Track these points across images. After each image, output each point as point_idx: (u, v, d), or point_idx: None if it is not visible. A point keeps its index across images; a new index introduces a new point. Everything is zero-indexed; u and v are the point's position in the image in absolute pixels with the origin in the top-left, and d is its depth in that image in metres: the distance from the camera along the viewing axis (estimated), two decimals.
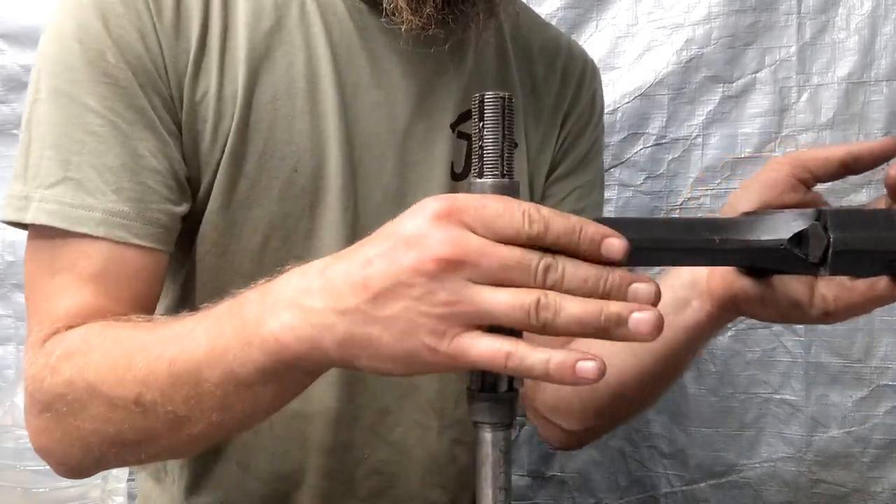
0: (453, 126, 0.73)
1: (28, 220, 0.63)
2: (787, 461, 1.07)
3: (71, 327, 0.60)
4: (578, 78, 0.82)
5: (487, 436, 0.44)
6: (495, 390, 0.44)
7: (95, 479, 0.87)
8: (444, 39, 0.69)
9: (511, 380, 0.44)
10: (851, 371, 1.05)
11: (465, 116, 0.74)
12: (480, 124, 0.43)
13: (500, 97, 0.43)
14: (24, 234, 1.36)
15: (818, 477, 1.06)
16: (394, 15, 0.67)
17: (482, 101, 0.43)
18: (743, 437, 1.09)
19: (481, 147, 0.43)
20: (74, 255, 0.62)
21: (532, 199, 0.73)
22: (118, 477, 0.85)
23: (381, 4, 0.67)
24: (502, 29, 0.79)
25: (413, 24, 0.66)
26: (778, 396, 1.07)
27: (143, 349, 0.54)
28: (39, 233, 0.64)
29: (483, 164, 0.43)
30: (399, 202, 0.71)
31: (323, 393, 0.71)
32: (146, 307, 0.64)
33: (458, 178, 0.74)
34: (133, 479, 1.24)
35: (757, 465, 1.08)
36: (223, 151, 0.65)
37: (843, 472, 1.06)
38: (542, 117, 0.79)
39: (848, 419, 1.05)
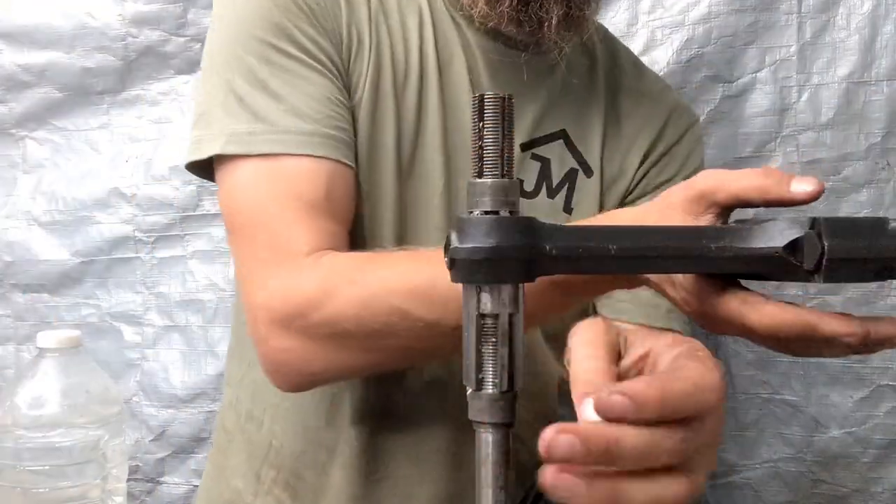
0: (524, 146, 0.78)
1: (257, 151, 0.67)
2: (788, 461, 1.07)
3: (314, 252, 0.65)
4: (665, 120, 0.84)
5: (488, 436, 0.44)
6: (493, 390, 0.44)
7: (95, 480, 0.87)
8: (527, 50, 0.76)
9: (511, 379, 0.44)
10: (852, 371, 1.05)
11: (541, 140, 0.79)
12: (480, 124, 0.43)
13: (500, 97, 0.43)
14: (23, 236, 1.36)
15: (818, 477, 1.06)
16: (471, 8, 0.72)
17: (482, 102, 0.43)
18: (743, 437, 1.08)
19: (481, 147, 0.43)
20: (298, 181, 0.66)
21: None
22: (118, 477, 0.85)
23: (474, 17, 0.73)
24: (596, 65, 0.83)
25: (487, 14, 0.71)
26: (778, 397, 1.07)
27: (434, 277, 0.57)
28: (254, 163, 0.68)
29: (483, 165, 0.43)
30: None
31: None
32: (352, 227, 0.70)
33: (529, 196, 0.78)
34: (133, 480, 1.25)
35: (757, 466, 1.08)
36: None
37: (843, 472, 1.05)
38: (621, 147, 0.82)
39: (848, 419, 1.05)
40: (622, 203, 0.83)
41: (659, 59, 1.10)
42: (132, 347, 1.26)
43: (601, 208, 0.81)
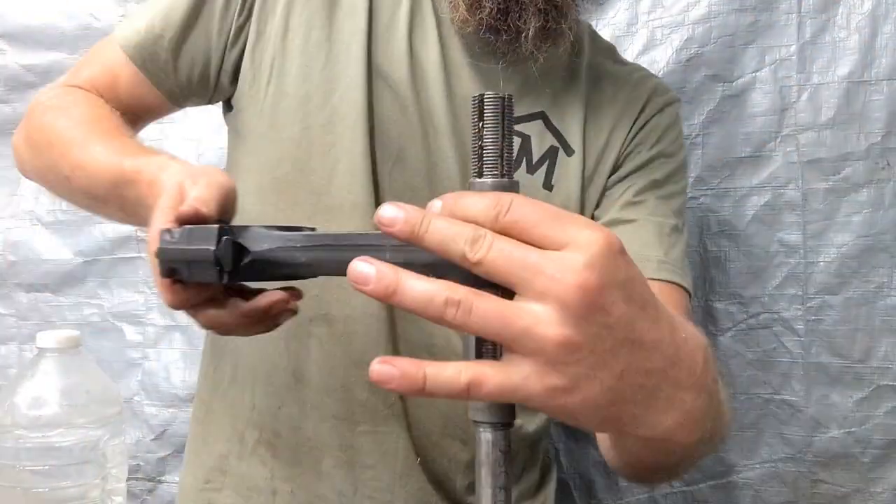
0: None
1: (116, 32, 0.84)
2: (788, 462, 1.07)
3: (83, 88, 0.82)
4: (646, 98, 0.86)
5: (488, 435, 0.44)
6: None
7: (95, 479, 0.87)
8: (505, 56, 0.78)
9: None
10: (852, 371, 1.05)
11: (520, 119, 0.81)
12: (480, 124, 0.43)
13: (500, 97, 0.43)
14: (26, 235, 1.37)
15: (818, 477, 1.06)
16: (453, 12, 0.76)
17: (481, 101, 0.43)
18: (743, 437, 1.09)
19: (481, 147, 0.43)
20: (112, 54, 0.82)
21: (584, 196, 0.82)
22: (118, 477, 0.85)
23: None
24: (581, 56, 0.86)
25: (466, 20, 0.74)
26: (778, 397, 1.07)
27: (84, 144, 0.71)
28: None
29: (483, 164, 0.43)
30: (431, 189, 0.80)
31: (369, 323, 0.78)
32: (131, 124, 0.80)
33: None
34: (134, 479, 1.25)
35: (757, 466, 1.08)
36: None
37: (843, 472, 1.06)
38: (605, 127, 0.84)
39: (848, 419, 1.05)
40: (608, 178, 0.83)
41: (659, 59, 1.10)
42: (134, 347, 1.27)
43: (584, 187, 0.82)
